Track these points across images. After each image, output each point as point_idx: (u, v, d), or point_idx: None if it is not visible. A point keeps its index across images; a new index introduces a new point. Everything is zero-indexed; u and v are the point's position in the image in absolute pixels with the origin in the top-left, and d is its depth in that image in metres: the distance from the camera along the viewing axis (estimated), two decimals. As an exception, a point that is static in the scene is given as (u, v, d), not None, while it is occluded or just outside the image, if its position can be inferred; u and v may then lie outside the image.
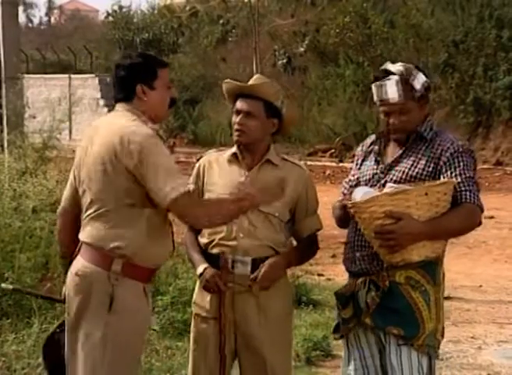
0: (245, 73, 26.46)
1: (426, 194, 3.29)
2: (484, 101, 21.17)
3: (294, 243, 3.88)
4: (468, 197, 3.38)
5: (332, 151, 23.01)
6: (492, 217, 12.83)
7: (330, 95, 25.21)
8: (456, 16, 22.22)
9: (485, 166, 20.15)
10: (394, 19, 24.35)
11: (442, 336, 3.55)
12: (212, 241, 3.72)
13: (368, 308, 3.45)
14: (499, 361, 6.01)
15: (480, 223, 3.46)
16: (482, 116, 21.41)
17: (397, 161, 3.52)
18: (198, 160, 3.89)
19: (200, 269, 3.72)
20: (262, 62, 24.38)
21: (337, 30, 24.62)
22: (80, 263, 3.37)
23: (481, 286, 8.44)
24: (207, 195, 3.76)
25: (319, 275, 8.71)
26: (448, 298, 7.70)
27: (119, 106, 3.42)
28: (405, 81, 3.45)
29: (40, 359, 3.52)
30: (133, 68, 3.37)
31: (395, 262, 3.37)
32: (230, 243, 3.69)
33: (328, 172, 19.29)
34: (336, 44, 24.99)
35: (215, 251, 3.72)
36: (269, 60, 26.94)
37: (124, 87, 3.39)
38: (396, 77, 3.45)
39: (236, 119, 3.74)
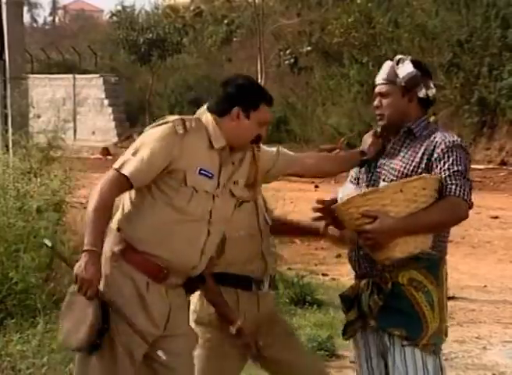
0: (250, 73, 26.49)
1: (401, 190, 3.30)
2: (489, 101, 21.13)
3: None
4: (453, 190, 3.36)
5: (337, 151, 22.99)
6: (496, 217, 12.83)
7: (334, 95, 25.19)
8: (461, 15, 22.18)
9: (489, 166, 20.13)
10: (399, 19, 24.32)
11: (446, 335, 3.55)
12: (234, 263, 3.72)
13: (371, 311, 3.46)
14: (504, 361, 6.00)
15: (466, 217, 3.42)
16: (487, 116, 21.38)
17: (389, 157, 3.54)
18: None
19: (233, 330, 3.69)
20: (267, 62, 24.37)
21: (341, 30, 24.61)
22: None
23: (485, 286, 8.43)
24: None
25: (324, 275, 8.71)
26: (453, 298, 7.70)
27: (209, 115, 3.40)
28: (392, 67, 3.55)
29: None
30: (242, 89, 3.38)
31: (381, 261, 3.38)
32: (259, 263, 3.76)
33: (332, 172, 19.30)
34: (341, 43, 24.99)
35: (240, 273, 3.73)
36: (274, 60, 26.92)
37: (224, 102, 3.39)
38: (389, 62, 3.59)
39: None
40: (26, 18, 54.39)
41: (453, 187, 3.36)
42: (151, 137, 3.31)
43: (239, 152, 3.45)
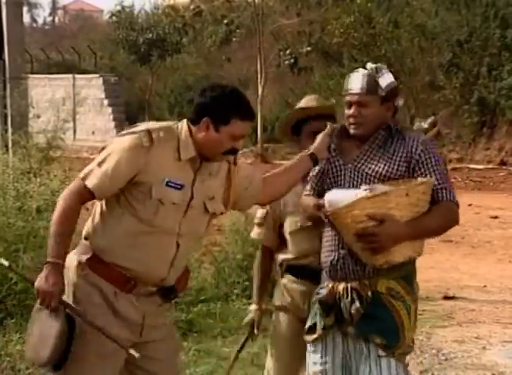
0: (249, 73, 26.50)
1: (407, 194, 3.29)
2: (488, 101, 21.14)
3: None
4: (445, 195, 3.40)
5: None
6: (496, 217, 12.83)
7: (334, 95, 25.20)
8: (461, 15, 22.19)
9: (489, 166, 20.14)
10: (398, 19, 24.31)
11: (413, 342, 3.57)
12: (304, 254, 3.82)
13: (352, 320, 3.42)
14: (504, 361, 6.00)
15: (458, 221, 3.46)
16: (487, 116, 21.38)
17: (365, 160, 3.48)
18: None
19: (252, 308, 4.06)
20: (267, 62, 24.37)
21: (341, 30, 24.60)
22: None
23: (485, 286, 8.43)
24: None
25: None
26: (452, 297, 7.71)
27: (184, 121, 3.35)
28: (372, 76, 3.50)
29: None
30: (214, 101, 3.25)
31: (378, 265, 3.36)
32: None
33: (332, 172, 19.29)
34: (340, 44, 24.98)
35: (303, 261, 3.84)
36: (274, 60, 26.92)
37: (195, 111, 3.29)
38: (363, 71, 3.54)
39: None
40: (26, 18, 54.53)
41: (444, 191, 3.40)
42: (117, 147, 3.24)
43: (215, 163, 3.35)
